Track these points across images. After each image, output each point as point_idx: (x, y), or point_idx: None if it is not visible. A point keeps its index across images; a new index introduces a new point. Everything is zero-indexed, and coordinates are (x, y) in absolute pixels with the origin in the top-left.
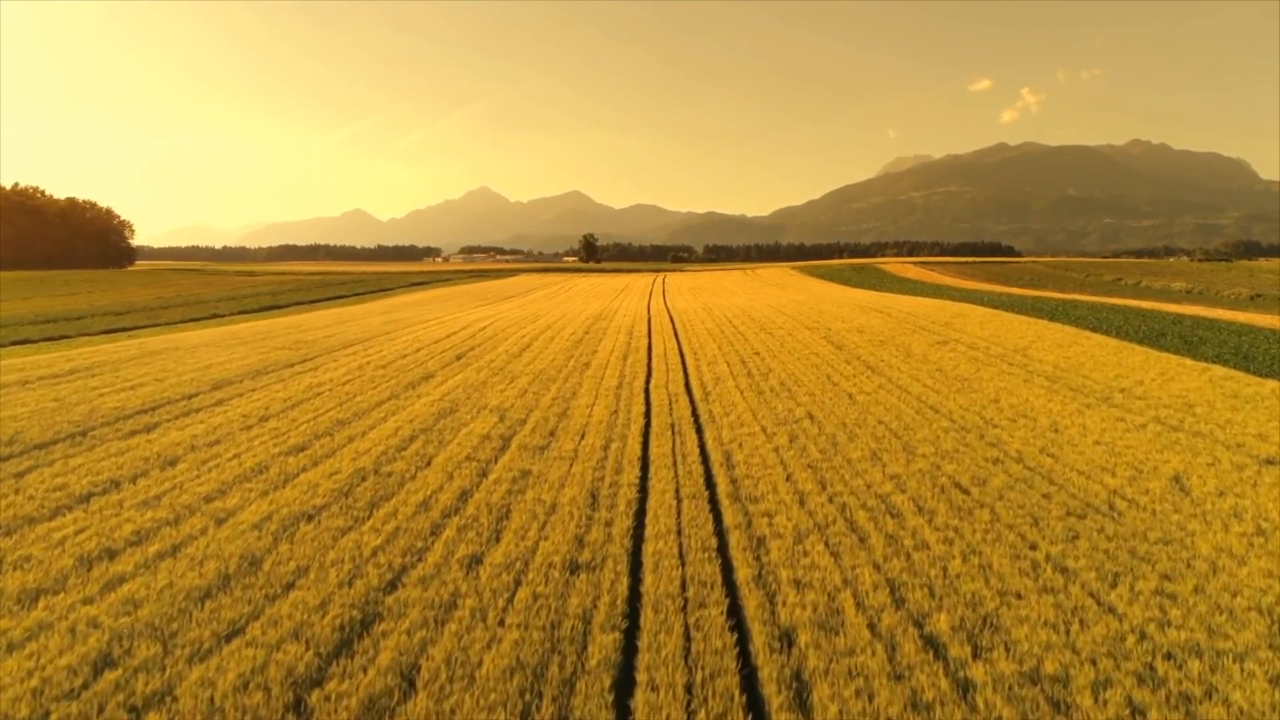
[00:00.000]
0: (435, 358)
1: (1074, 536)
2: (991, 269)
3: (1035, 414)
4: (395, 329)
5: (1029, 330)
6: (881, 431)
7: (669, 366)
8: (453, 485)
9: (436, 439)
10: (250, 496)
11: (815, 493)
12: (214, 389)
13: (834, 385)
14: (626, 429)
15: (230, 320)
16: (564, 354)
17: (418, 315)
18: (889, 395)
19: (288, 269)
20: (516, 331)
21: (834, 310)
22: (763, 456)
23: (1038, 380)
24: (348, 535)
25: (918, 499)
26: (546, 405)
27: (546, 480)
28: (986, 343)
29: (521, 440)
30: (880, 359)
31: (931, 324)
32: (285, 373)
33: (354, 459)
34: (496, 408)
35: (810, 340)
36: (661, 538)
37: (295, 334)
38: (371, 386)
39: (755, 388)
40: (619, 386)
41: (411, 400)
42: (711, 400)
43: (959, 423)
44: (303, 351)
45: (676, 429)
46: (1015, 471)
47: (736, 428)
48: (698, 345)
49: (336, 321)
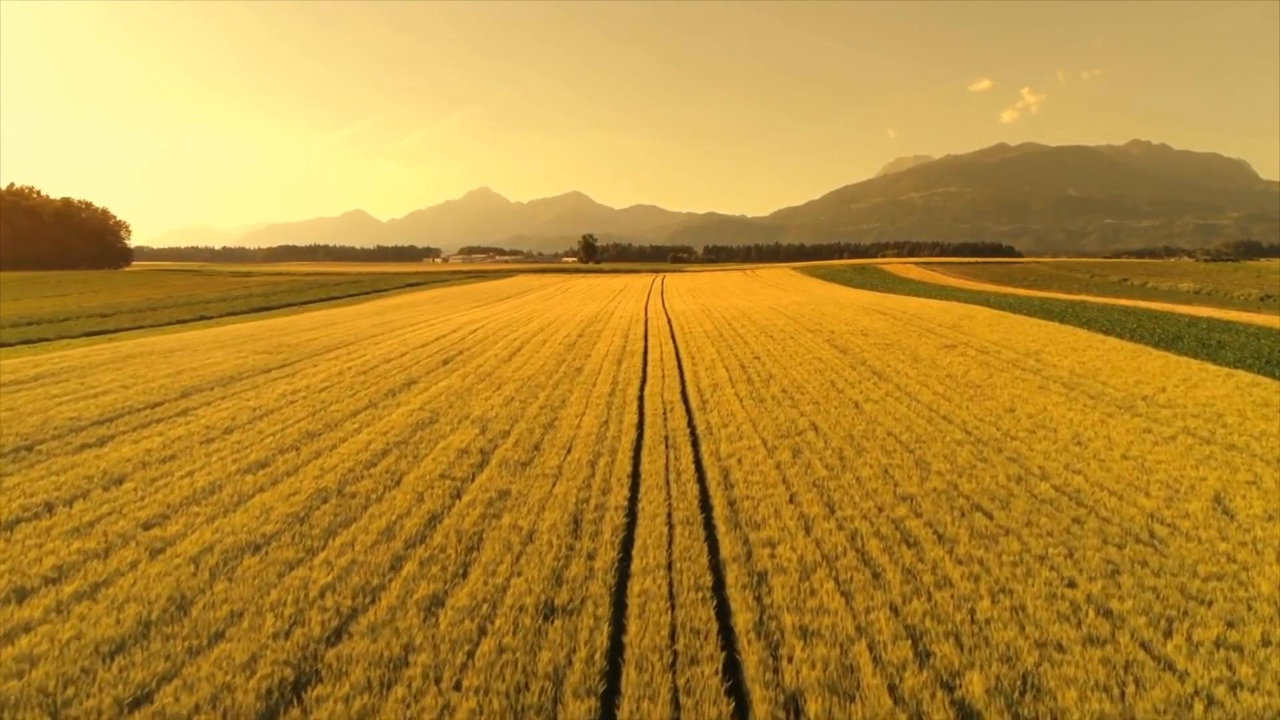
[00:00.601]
0: (420, 363)
1: (1115, 571)
2: (995, 269)
3: (1055, 424)
4: (384, 331)
5: (1040, 333)
6: (892, 445)
7: (665, 372)
8: (421, 509)
9: (411, 454)
10: (195, 522)
11: (822, 517)
12: (181, 397)
13: (839, 392)
14: (617, 442)
15: (218, 322)
16: (555, 359)
17: (409, 317)
18: (898, 404)
19: (284, 269)
20: (508, 334)
21: (836, 312)
22: (764, 474)
23: (1054, 387)
24: (295, 570)
25: (936, 524)
26: (533, 415)
27: (526, 502)
28: (997, 346)
29: (503, 455)
30: (887, 364)
31: (938, 327)
32: (260, 379)
33: (317, 477)
34: (479, 418)
35: (813, 344)
36: (650, 573)
37: (279, 337)
38: (349, 394)
39: (755, 395)
40: (611, 394)
41: (390, 409)
42: (709, 409)
43: (974, 435)
44: (283, 356)
45: (671, 442)
46: (1041, 491)
47: (735, 440)
48: (695, 349)
49: (325, 324)
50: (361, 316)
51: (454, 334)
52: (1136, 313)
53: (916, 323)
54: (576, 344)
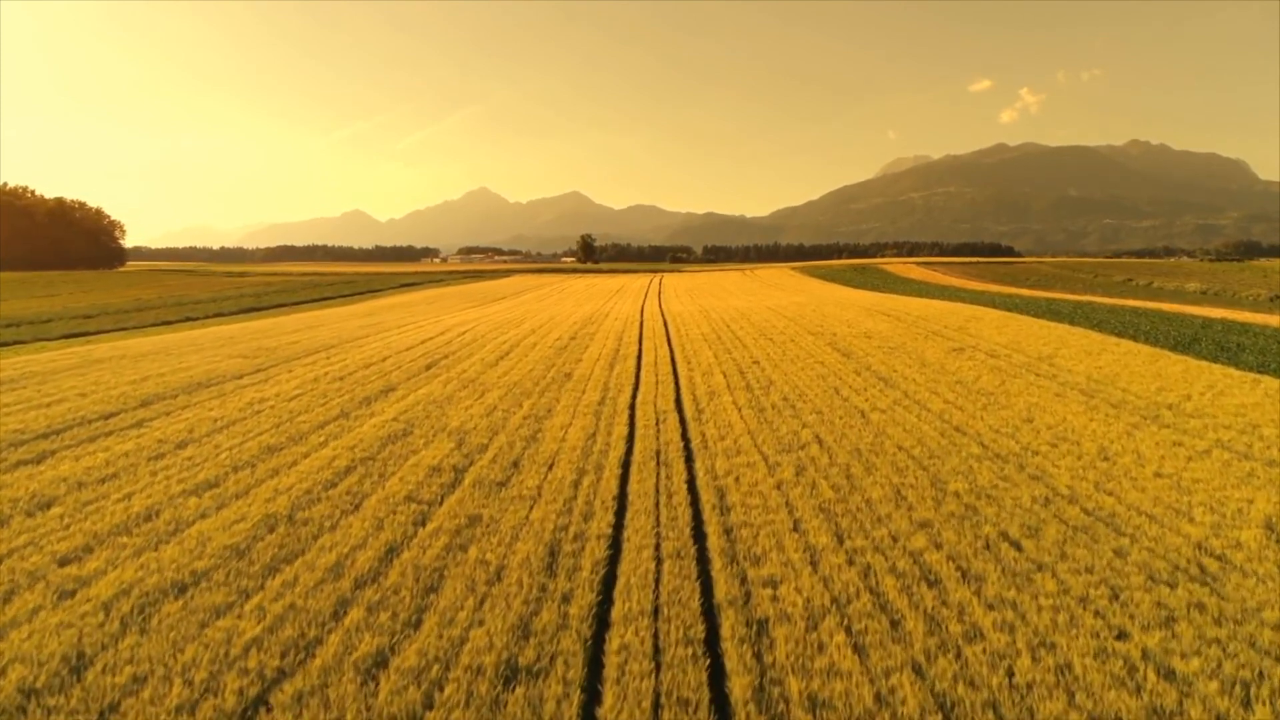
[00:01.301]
0: (402, 367)
1: (1170, 619)
2: (997, 269)
3: (1078, 437)
4: (370, 333)
5: (1051, 335)
6: (903, 461)
7: (659, 378)
8: (379, 539)
9: (377, 472)
10: (119, 557)
11: (830, 549)
12: (141, 406)
13: (844, 400)
14: (604, 458)
15: (204, 323)
16: (544, 363)
17: (398, 319)
18: (906, 413)
19: (279, 270)
20: (498, 336)
21: (838, 313)
22: (764, 495)
23: (1072, 394)
24: (221, 619)
25: (958, 558)
26: (515, 426)
27: (498, 531)
28: (1007, 350)
29: (478, 474)
30: (893, 369)
31: (944, 329)
32: (229, 386)
33: (268, 500)
34: (457, 430)
35: (814, 347)
36: (632, 622)
37: (260, 339)
38: (321, 403)
39: (755, 403)
40: (601, 403)
41: (362, 420)
42: (705, 419)
43: (992, 449)
44: (259, 360)
45: (662, 458)
46: (1072, 517)
47: (733, 455)
48: (692, 353)
49: (311, 325)
50: (351, 318)
51: (442, 336)
52: (1148, 314)
53: (922, 324)
54: (568, 347)
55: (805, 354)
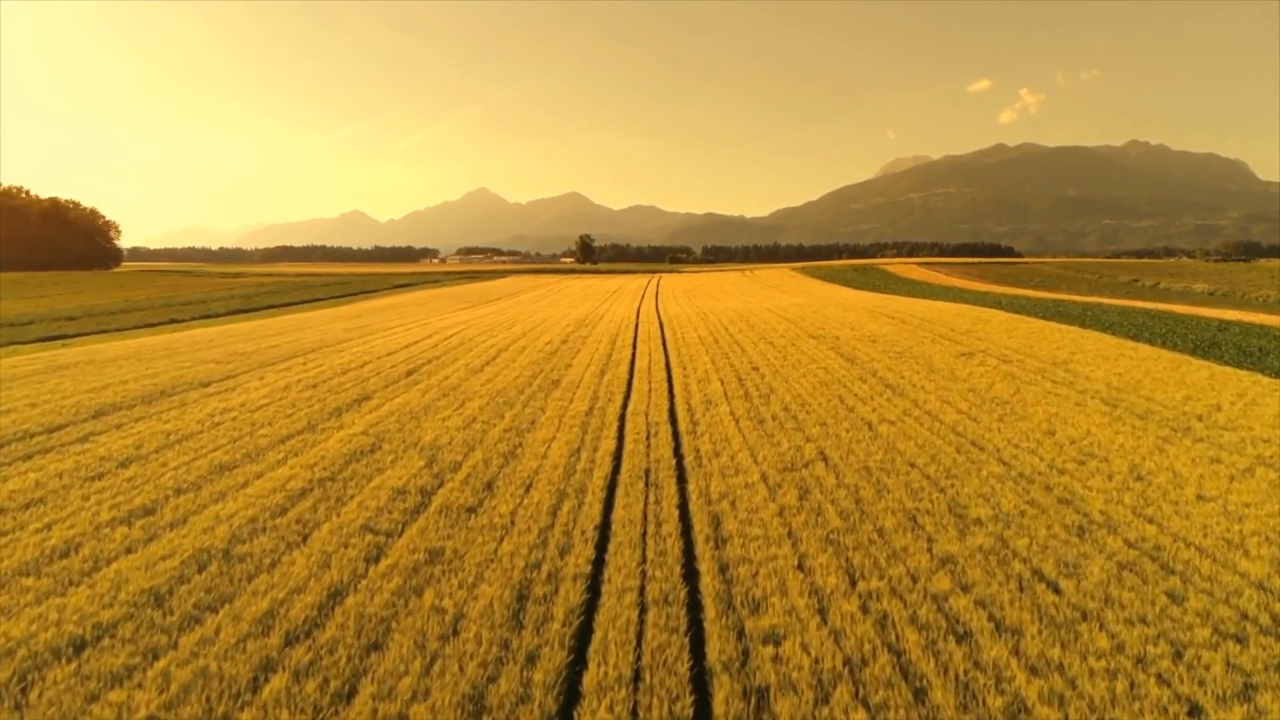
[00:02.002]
0: (381, 374)
1: (1249, 686)
2: (1000, 270)
3: (1106, 452)
4: (354, 337)
5: (1063, 339)
6: (917, 481)
7: (652, 386)
8: (323, 580)
9: (335, 495)
10: (16, 605)
11: (840, 592)
12: (92, 418)
13: (849, 411)
14: (587, 478)
15: (188, 326)
16: (533, 368)
17: (386, 321)
18: (918, 425)
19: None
20: (487, 340)
21: (840, 315)
22: (764, 524)
23: (1093, 403)
24: (113, 690)
25: (989, 603)
26: (493, 441)
27: (461, 569)
28: (1019, 354)
29: (446, 497)
30: (900, 375)
31: (951, 332)
32: (193, 395)
33: (206, 531)
34: (430, 445)
35: (816, 351)
36: (607, 692)
37: (238, 343)
38: (287, 414)
39: (754, 415)
40: (589, 413)
41: (328, 433)
42: (700, 433)
43: (1014, 467)
44: (232, 366)
45: (652, 478)
46: (1115, 551)
47: (730, 475)
48: (688, 358)
49: (296, 328)
50: (338, 320)
51: (428, 340)
52: (1160, 316)
53: (927, 327)
54: (558, 351)
55: (807, 359)
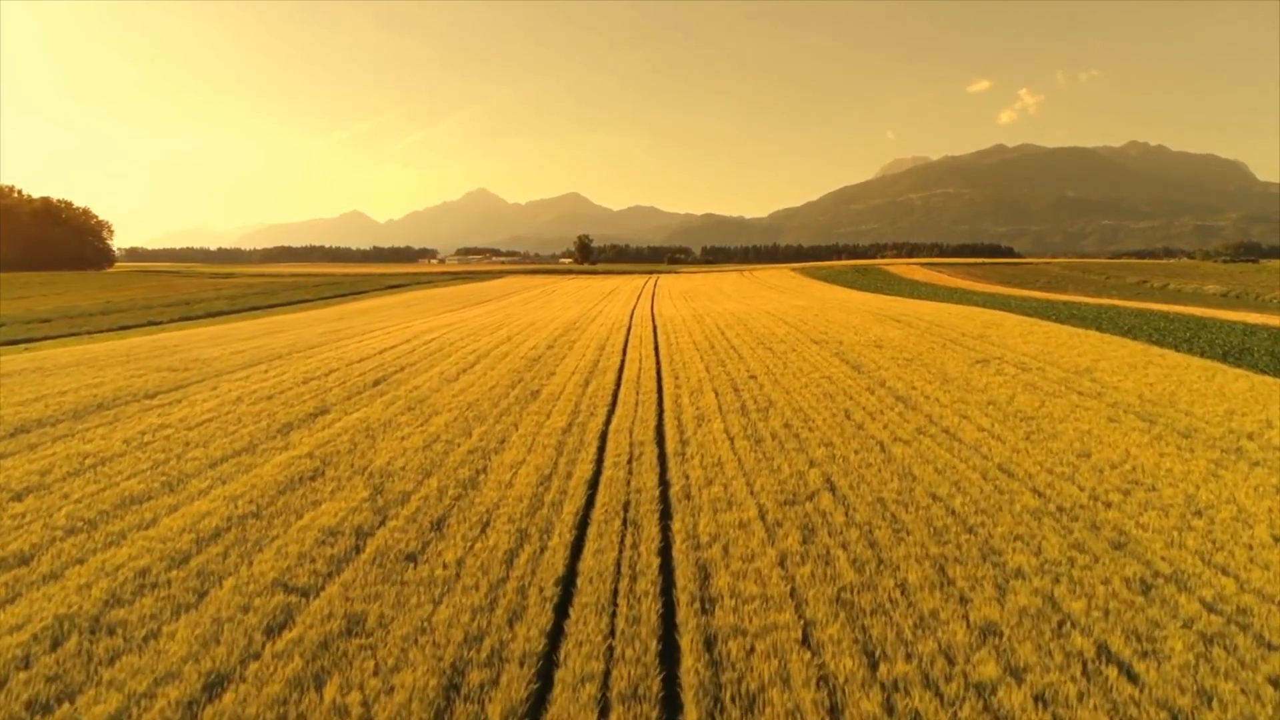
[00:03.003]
0: (346, 384)
1: None
2: (1004, 271)
3: (1153, 480)
4: (329, 341)
5: (1083, 344)
6: (941, 518)
7: (640, 398)
8: (202, 664)
9: (254, 537)
10: None
11: (858, 681)
12: (9, 436)
13: (858, 428)
14: (555, 514)
15: (163, 328)
16: (512, 377)
17: (367, 324)
18: (935, 446)
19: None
20: (469, 344)
21: (843, 318)
22: (762, 577)
23: (1128, 419)
24: None
25: (1051, 698)
26: (454, 465)
27: (383, 644)
28: (1038, 362)
29: (385, 539)
30: (911, 386)
31: (963, 336)
32: (131, 409)
33: (82, 589)
34: (379, 471)
35: (819, 358)
36: None
37: (204, 348)
38: (230, 431)
39: (751, 432)
40: (567, 430)
41: (269, 455)
42: (690, 456)
43: (1051, 498)
44: (188, 374)
45: (632, 514)
46: (1192, 616)
47: (722, 510)
48: (680, 365)
49: (270, 331)
50: (319, 322)
51: (405, 345)
52: (1180, 319)
53: (936, 331)
54: (543, 357)
55: (809, 366)
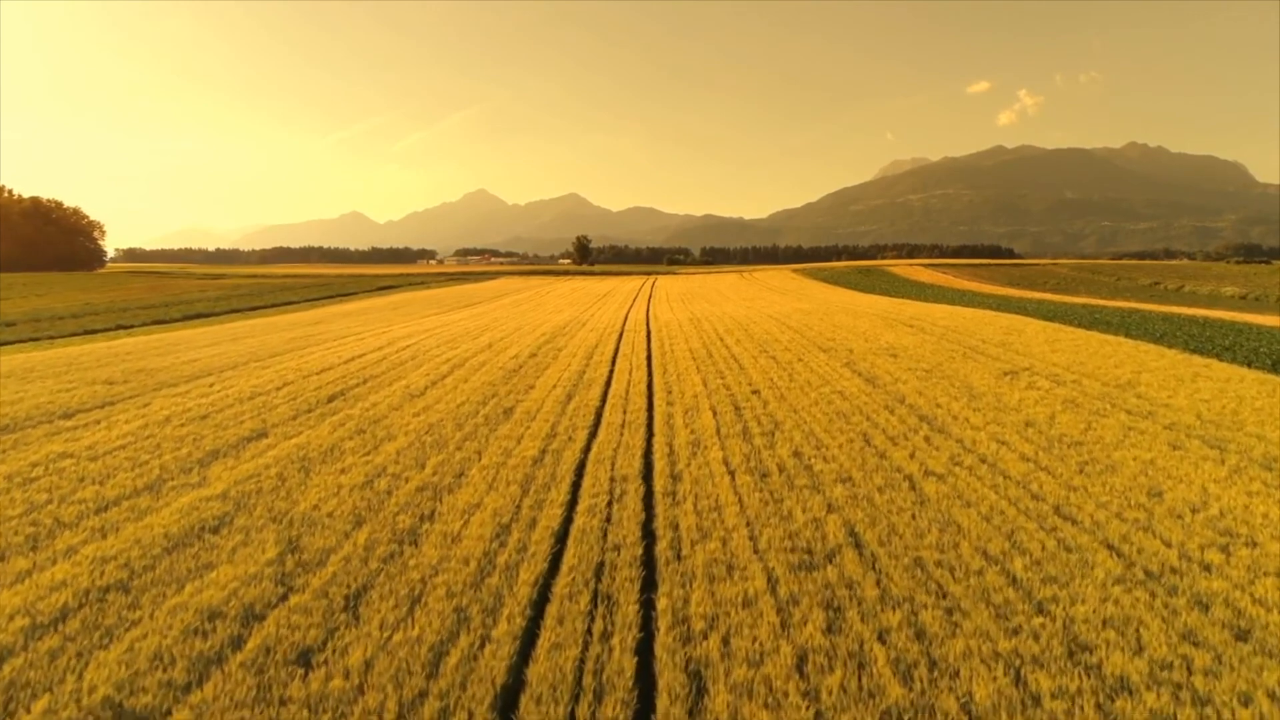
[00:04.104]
0: (297, 399)
1: None
2: (1010, 272)
3: (1250, 529)
4: (295, 348)
5: (1116, 353)
6: (1001, 591)
7: (627, 417)
8: None
9: (108, 622)
10: None
11: None
12: None
13: (880, 458)
14: (507, 586)
15: (133, 332)
16: (486, 391)
17: (343, 328)
18: (976, 482)
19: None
20: (445, 353)
21: (850, 323)
22: (776, 695)
23: (1193, 445)
24: None
25: None
26: (393, 512)
27: None
28: (1073, 374)
29: (278, 627)
30: (935, 403)
31: (983, 343)
32: (38, 432)
33: None
34: (300, 520)
35: (828, 369)
36: None
37: (155, 357)
38: (140, 462)
39: (755, 463)
40: (539, 459)
41: (174, 496)
42: (682, 496)
43: (1134, 559)
44: (125, 387)
45: (605, 585)
46: None
47: (721, 579)
48: (675, 378)
49: (235, 337)
50: (293, 326)
51: (376, 352)
52: (1212, 324)
53: (954, 338)
54: (524, 367)
55: (818, 379)
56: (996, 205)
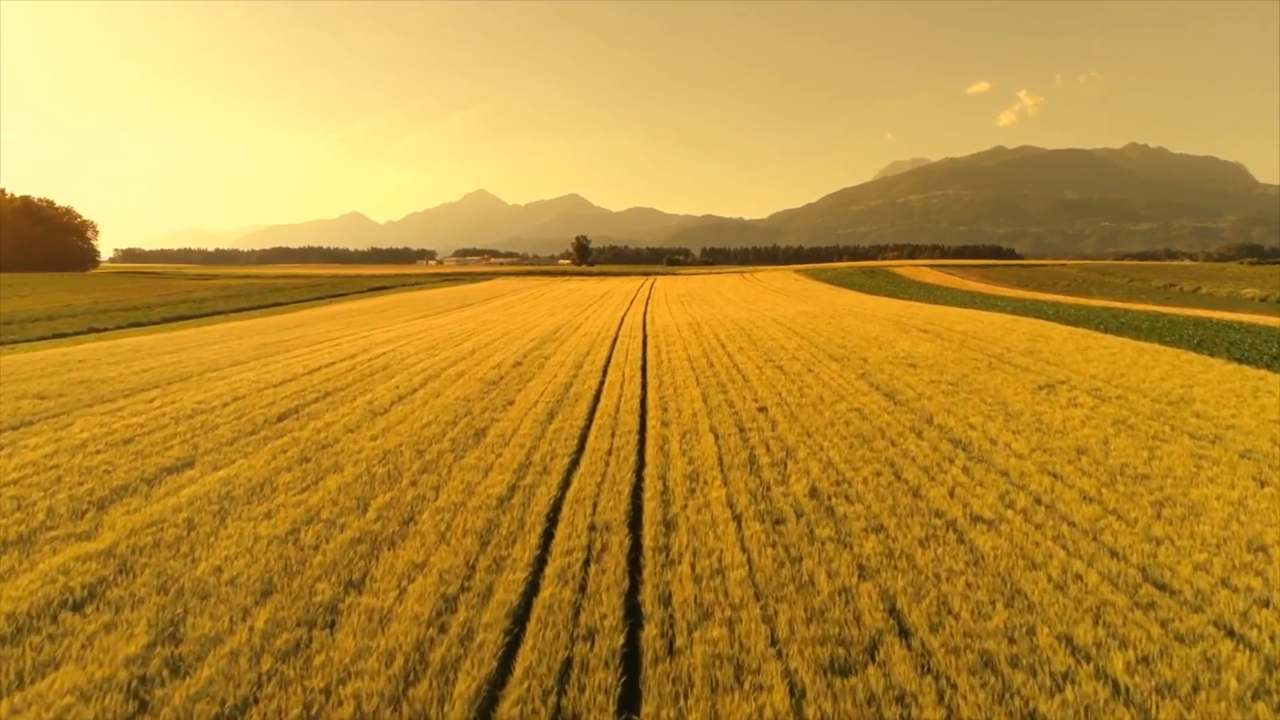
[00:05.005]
0: (242, 419)
1: None
2: (1019, 273)
3: None
4: (261, 356)
5: (1159, 364)
6: (1110, 713)
7: (615, 443)
8: None
9: None
10: None
11: None
12: None
13: (915, 496)
14: (437, 703)
15: (102, 336)
16: (458, 408)
17: (321, 333)
18: (1035, 531)
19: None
20: (422, 361)
21: (861, 328)
22: None
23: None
24: None
25: None
26: (315, 576)
27: None
28: (1116, 388)
29: None
30: (968, 424)
31: (1008, 351)
32: None
33: None
34: (193, 587)
35: (842, 381)
36: None
37: (107, 366)
38: (26, 502)
39: (766, 506)
40: (505, 500)
41: (46, 554)
42: (677, 552)
43: (1265, 651)
44: (52, 404)
45: (569, 703)
46: None
47: (727, 689)
48: (671, 392)
49: (204, 342)
50: (271, 330)
51: (346, 361)
52: (1250, 330)
53: (975, 345)
54: (506, 378)
55: (832, 394)
56: (996, 206)
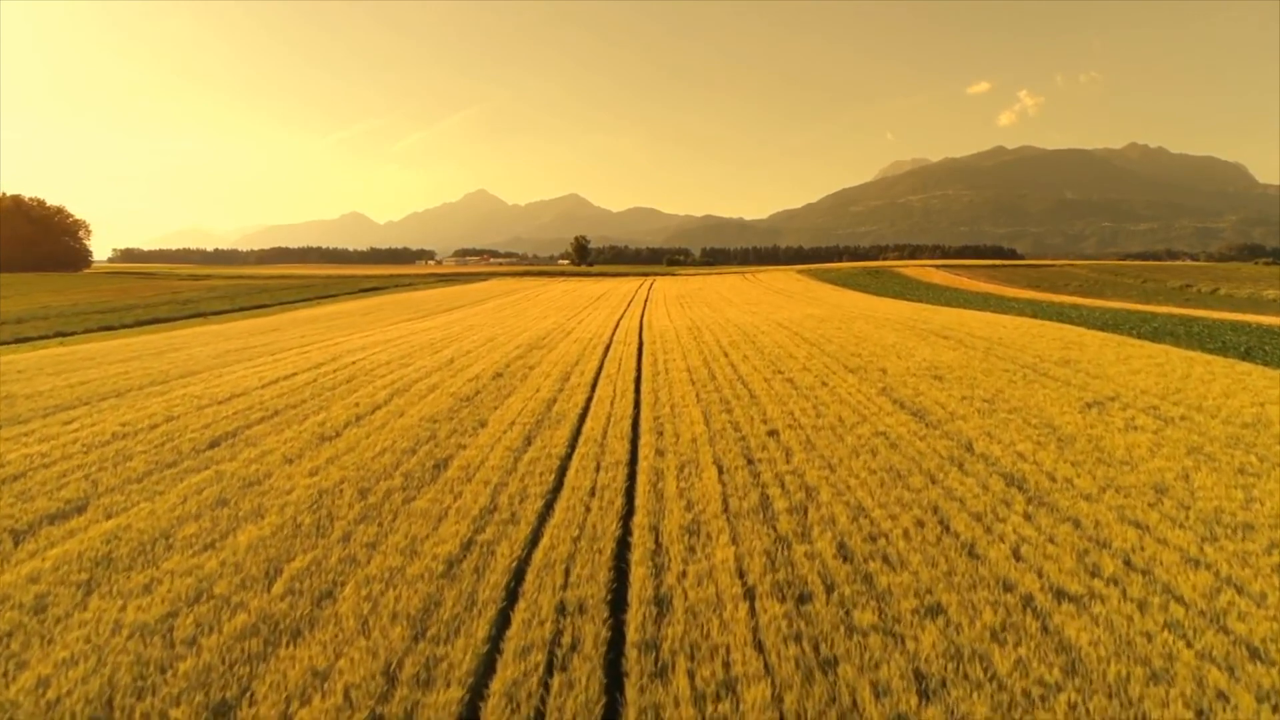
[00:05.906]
0: (163, 446)
1: None
2: (1028, 273)
3: None
4: (217, 365)
5: (1215, 376)
6: None
7: (600, 479)
8: None
9: None
10: None
11: None
12: None
13: (974, 561)
14: None
15: (67, 340)
16: (422, 430)
17: (294, 337)
18: (1142, 619)
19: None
20: (393, 372)
21: (875, 334)
22: None
23: None
24: None
25: None
26: (176, 693)
27: None
28: (1176, 406)
29: None
30: (1016, 452)
31: (1041, 362)
32: None
33: None
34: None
35: (862, 397)
36: None
37: (45, 377)
38: None
39: (784, 575)
40: (456, 564)
41: None
42: (670, 651)
43: None
44: None
45: None
46: None
47: None
48: (668, 411)
49: (166, 349)
50: (241, 335)
51: (310, 372)
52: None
53: (1003, 354)
54: (482, 393)
55: (852, 413)
56: (997, 206)
